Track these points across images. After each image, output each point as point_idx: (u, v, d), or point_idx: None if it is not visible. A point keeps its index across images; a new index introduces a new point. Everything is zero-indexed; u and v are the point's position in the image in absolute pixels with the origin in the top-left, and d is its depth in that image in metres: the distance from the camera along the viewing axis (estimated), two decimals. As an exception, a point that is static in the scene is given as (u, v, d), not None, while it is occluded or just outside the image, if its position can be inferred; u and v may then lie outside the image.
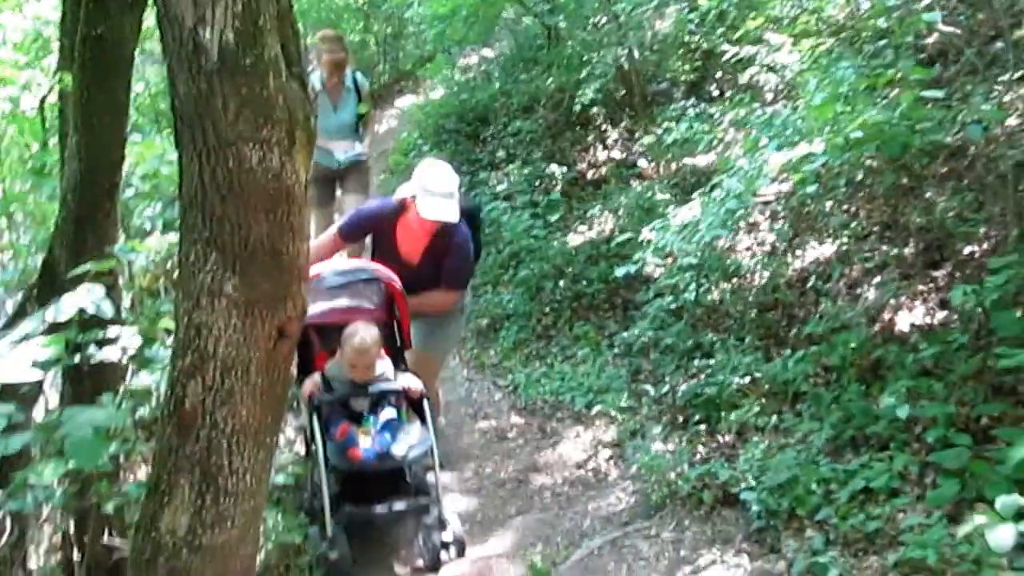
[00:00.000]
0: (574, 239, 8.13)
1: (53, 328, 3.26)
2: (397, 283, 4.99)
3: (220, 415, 2.88)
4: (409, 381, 4.85)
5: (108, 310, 3.25)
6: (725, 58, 6.70)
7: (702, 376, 5.53)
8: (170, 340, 3.43)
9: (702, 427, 5.14)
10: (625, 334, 6.68)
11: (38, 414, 4.47)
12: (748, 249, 6.75)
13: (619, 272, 5.88)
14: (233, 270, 2.72)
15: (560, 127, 9.80)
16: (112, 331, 3.67)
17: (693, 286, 5.97)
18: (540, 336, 7.18)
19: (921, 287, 5.45)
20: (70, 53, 4.27)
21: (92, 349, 3.55)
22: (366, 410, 4.70)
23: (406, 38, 13.58)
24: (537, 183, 8.93)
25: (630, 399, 5.86)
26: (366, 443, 4.54)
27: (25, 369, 2.82)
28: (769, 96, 7.32)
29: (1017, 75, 4.99)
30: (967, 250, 5.24)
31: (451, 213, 4.87)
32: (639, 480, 4.96)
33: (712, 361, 5.60)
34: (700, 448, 4.96)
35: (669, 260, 6.34)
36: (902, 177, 5.81)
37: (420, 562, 4.70)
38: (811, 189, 4.69)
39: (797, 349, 5.23)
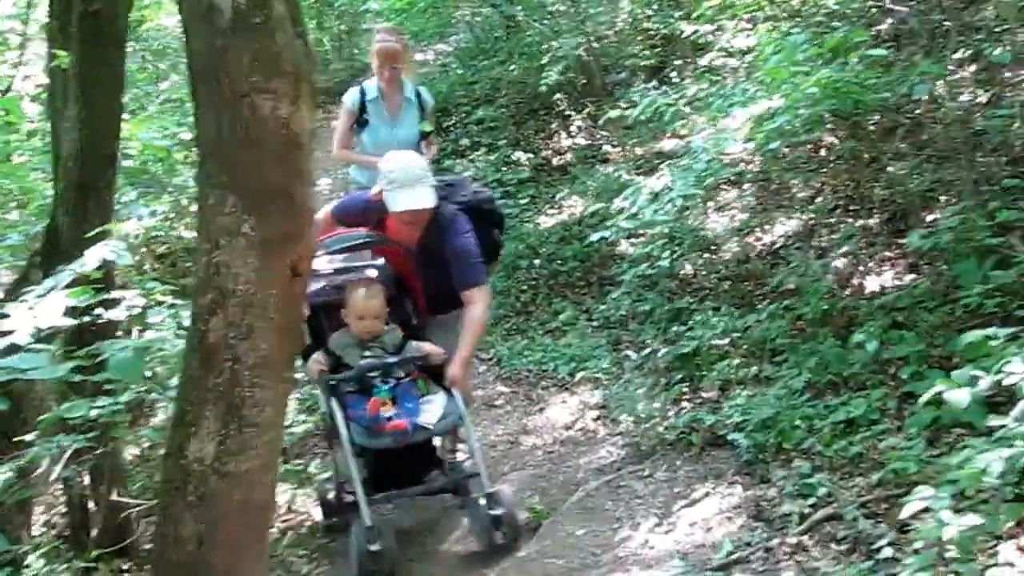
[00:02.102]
0: (545, 221, 8.36)
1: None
2: (397, 247, 4.63)
3: (241, 349, 3.05)
4: (428, 347, 4.54)
5: (128, 260, 3.41)
6: (686, 35, 6.91)
7: (682, 340, 5.72)
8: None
9: (685, 385, 5.33)
10: (602, 307, 6.89)
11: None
12: (718, 223, 6.97)
13: (593, 237, 6.10)
14: (249, 212, 2.90)
15: (523, 115, 10.02)
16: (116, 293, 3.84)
17: (667, 254, 6.17)
18: (519, 312, 7.39)
19: (888, 254, 5.69)
20: (61, 32, 4.42)
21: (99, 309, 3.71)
22: (378, 379, 4.35)
23: (359, 35, 13.55)
24: (504, 168, 9.13)
25: (613, 365, 6.06)
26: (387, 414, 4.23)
27: (58, 316, 2.97)
28: (729, 79, 7.56)
29: (968, 54, 5.25)
30: (929, 218, 5.46)
31: (423, 199, 4.48)
32: (627, 435, 5.13)
33: (692, 324, 5.80)
34: (684, 404, 5.16)
35: (642, 234, 6.56)
36: (863, 152, 6.07)
37: (475, 545, 4.43)
38: (774, 145, 4.88)
39: (773, 305, 5.44)
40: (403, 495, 4.43)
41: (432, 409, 4.33)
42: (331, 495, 4.74)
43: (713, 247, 6.71)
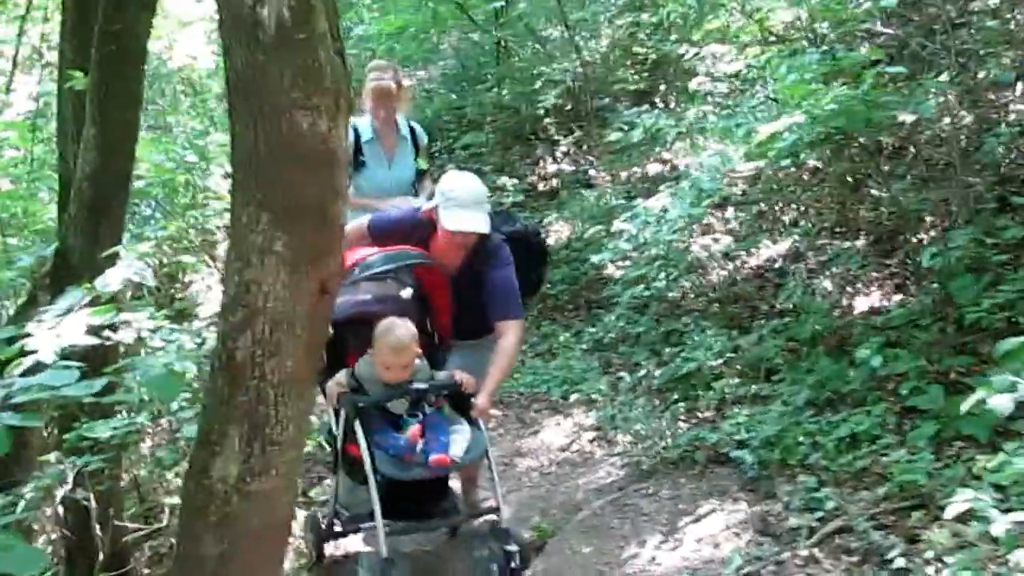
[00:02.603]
0: (533, 245, 8.41)
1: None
2: (439, 269, 4.44)
3: (268, 367, 3.08)
4: (459, 375, 4.31)
5: (151, 280, 3.43)
6: (680, 57, 7.03)
7: (676, 361, 5.81)
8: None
9: (681, 405, 5.40)
10: (593, 329, 6.97)
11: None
12: (705, 247, 7.08)
13: (594, 259, 6.18)
14: (282, 229, 2.93)
15: (509, 141, 10.12)
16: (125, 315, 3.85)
17: (663, 276, 6.26)
18: (509, 335, 7.41)
19: (875, 274, 5.82)
20: (74, 54, 4.45)
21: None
22: (405, 411, 4.21)
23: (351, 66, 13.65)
24: (490, 195, 9.17)
25: (606, 387, 6.12)
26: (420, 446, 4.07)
27: (81, 335, 2.98)
28: (720, 102, 7.70)
29: (953, 76, 5.39)
30: (915, 239, 5.59)
31: (479, 223, 4.30)
32: (626, 455, 5.19)
33: (683, 347, 5.89)
34: (681, 423, 5.22)
35: (635, 254, 6.65)
36: (847, 175, 6.21)
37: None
38: (785, 162, 4.99)
39: (766, 328, 5.54)
40: (420, 528, 4.33)
41: (459, 440, 4.17)
42: (324, 523, 4.57)
43: (701, 270, 6.81)
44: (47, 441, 4.49)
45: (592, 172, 9.06)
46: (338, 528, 4.45)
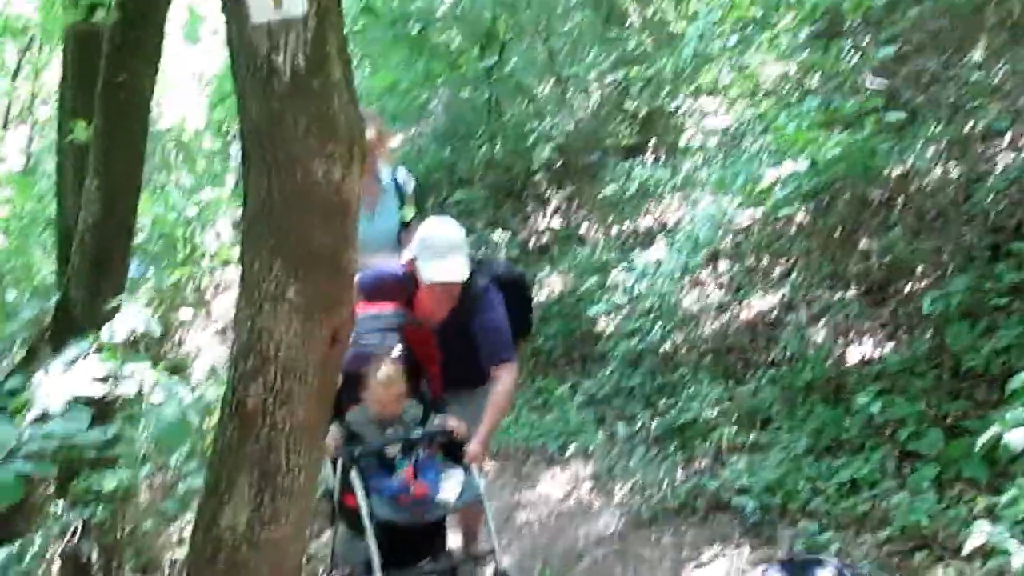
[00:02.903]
0: (525, 301, 8.45)
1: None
2: (427, 329, 4.41)
3: (279, 415, 3.08)
4: (452, 422, 4.32)
5: (156, 331, 3.44)
6: (675, 110, 7.13)
7: (671, 412, 5.83)
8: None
9: (679, 455, 5.42)
10: (588, 383, 6.99)
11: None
12: (697, 301, 7.13)
13: (591, 311, 6.21)
14: (296, 276, 2.95)
15: (501, 197, 10.19)
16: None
17: (656, 328, 6.30)
18: (504, 389, 7.42)
19: (867, 324, 5.87)
20: (75, 106, 4.49)
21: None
22: (398, 455, 4.23)
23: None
24: (482, 250, 9.24)
25: (603, 439, 6.13)
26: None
27: (89, 384, 2.98)
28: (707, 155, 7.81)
29: (938, 129, 5.50)
30: (906, 288, 5.66)
31: (456, 272, 4.26)
32: (625, 505, 5.21)
33: (679, 398, 5.92)
34: (680, 473, 5.23)
35: (628, 307, 6.70)
36: (836, 229, 6.30)
37: None
38: (786, 211, 5.06)
39: (761, 378, 5.58)
40: (418, 572, 4.27)
41: (451, 485, 4.19)
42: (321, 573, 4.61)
43: (693, 323, 6.85)
44: (44, 493, 4.45)
45: (583, 227, 9.13)
46: None
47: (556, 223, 9.60)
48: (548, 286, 8.61)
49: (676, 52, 6.11)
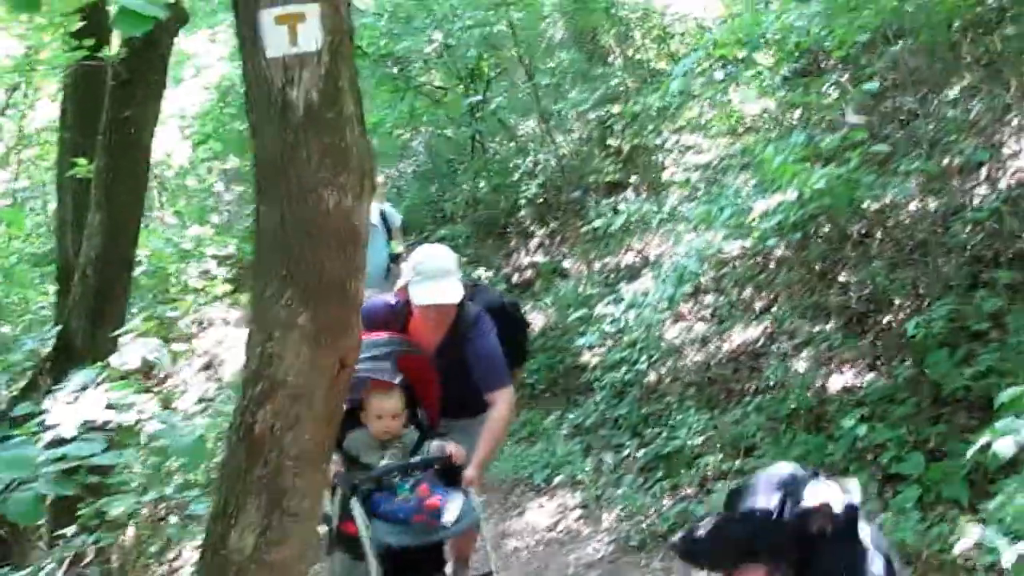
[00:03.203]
0: (509, 336, 8.56)
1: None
2: (423, 356, 4.43)
3: (287, 440, 3.16)
4: (450, 447, 4.31)
5: (166, 361, 3.51)
6: (662, 146, 7.30)
7: (657, 441, 5.93)
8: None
9: (665, 483, 5.51)
10: (572, 415, 7.09)
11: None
12: (681, 334, 7.26)
13: (580, 341, 6.32)
14: (305, 304, 3.04)
15: (483, 234, 10.34)
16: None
17: (644, 359, 6.41)
18: (489, 422, 7.51)
19: (848, 355, 6.01)
20: (73, 144, 4.58)
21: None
22: (398, 479, 4.24)
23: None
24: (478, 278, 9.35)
25: (590, 468, 6.22)
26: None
27: (101, 410, 3.05)
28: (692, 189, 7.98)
29: (914, 166, 5.67)
30: (885, 319, 5.81)
31: (449, 294, 4.30)
32: (613, 532, 5.29)
33: (664, 428, 6.02)
34: (667, 500, 5.32)
35: (610, 341, 6.83)
36: (815, 263, 6.46)
37: None
38: (771, 241, 5.21)
39: (745, 407, 5.69)
40: None
41: (451, 509, 4.17)
42: None
43: (677, 355, 6.97)
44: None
45: (567, 263, 9.26)
46: None
47: (539, 258, 9.74)
48: (532, 321, 8.72)
49: (663, 88, 6.27)
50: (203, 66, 11.18)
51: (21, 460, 2.45)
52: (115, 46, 4.28)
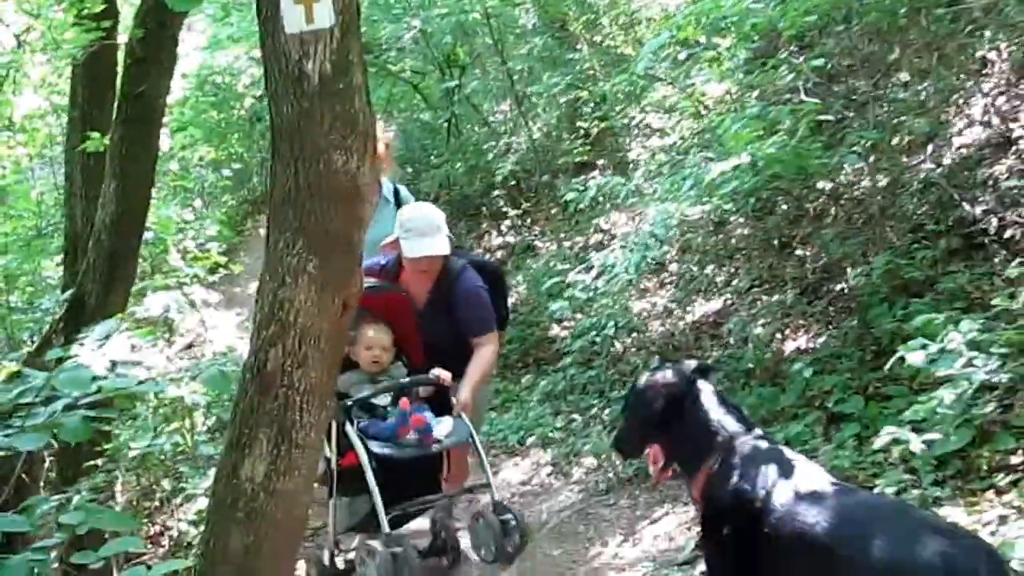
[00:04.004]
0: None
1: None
2: (404, 295, 4.70)
3: (296, 376, 3.54)
4: (436, 371, 4.60)
5: (187, 311, 3.87)
6: (629, 125, 7.68)
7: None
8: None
9: (631, 436, 5.91)
10: (544, 382, 7.48)
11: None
12: (644, 311, 7.66)
13: (553, 307, 6.72)
14: (315, 253, 3.43)
15: (458, 215, 10.69)
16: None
17: (610, 326, 6.80)
18: (461, 394, 7.90)
19: (802, 322, 6.44)
20: (84, 120, 4.92)
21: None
22: (389, 404, 4.52)
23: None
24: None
25: (560, 429, 6.62)
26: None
27: (126, 352, 3.40)
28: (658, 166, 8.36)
29: (868, 145, 6.08)
30: (837, 288, 6.24)
31: (438, 247, 4.58)
32: (583, 483, 5.68)
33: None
34: (633, 454, 5.73)
35: (582, 306, 7.21)
36: (773, 239, 6.89)
37: (481, 552, 4.57)
38: (728, 207, 5.63)
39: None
40: (413, 505, 4.51)
41: (443, 427, 4.47)
42: (325, 558, 4.75)
43: (642, 329, 7.37)
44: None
45: (538, 243, 9.64)
46: (340, 565, 4.66)
47: (511, 239, 10.13)
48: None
49: (628, 71, 6.66)
50: (180, 54, 11.42)
51: (79, 379, 2.80)
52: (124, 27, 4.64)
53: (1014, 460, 3.85)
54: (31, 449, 2.75)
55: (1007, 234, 5.10)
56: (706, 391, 3.13)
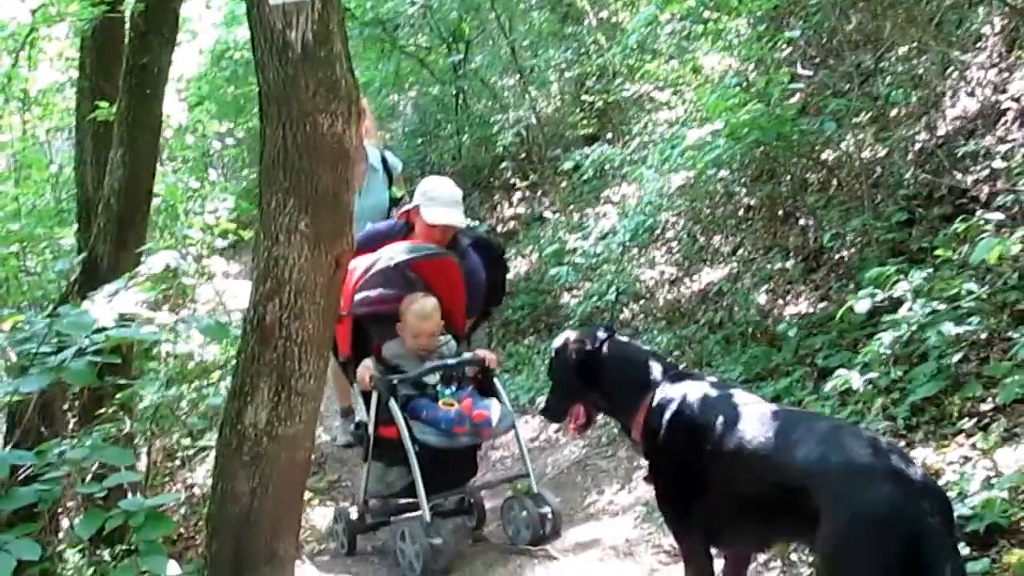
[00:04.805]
0: (494, 279, 9.17)
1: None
2: (451, 258, 4.83)
3: (293, 328, 3.74)
4: (482, 352, 4.80)
5: (187, 267, 4.07)
6: (632, 94, 7.80)
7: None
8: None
9: (633, 395, 6.08)
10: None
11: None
12: (651, 279, 7.82)
13: (552, 271, 6.89)
14: (306, 211, 3.62)
15: (469, 188, 10.86)
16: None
17: (612, 291, 6.96)
18: (477, 356, 8.11)
19: (802, 288, 6.57)
20: (92, 90, 5.13)
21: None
22: (439, 384, 4.62)
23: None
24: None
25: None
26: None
27: (134, 305, 3.60)
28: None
29: (868, 116, 6.19)
30: (837, 256, 6.36)
31: (458, 218, 4.85)
32: (587, 439, 5.85)
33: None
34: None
35: (588, 284, 7.38)
36: (778, 210, 7.00)
37: (509, 532, 4.71)
38: (711, 172, 5.77)
39: (706, 332, 6.27)
40: (452, 494, 4.74)
41: (494, 412, 4.61)
42: (354, 515, 4.90)
43: (647, 296, 7.52)
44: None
45: (547, 214, 9.79)
46: (369, 520, 4.83)
47: (521, 210, 10.30)
48: (515, 267, 9.30)
49: (622, 40, 6.79)
50: (197, 31, 11.63)
51: (82, 323, 3.00)
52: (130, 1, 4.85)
53: (984, 407, 3.99)
54: (34, 390, 2.94)
55: (997, 202, 5.21)
56: (620, 343, 3.47)
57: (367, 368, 4.62)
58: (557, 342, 3.65)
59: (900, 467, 2.57)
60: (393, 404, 4.47)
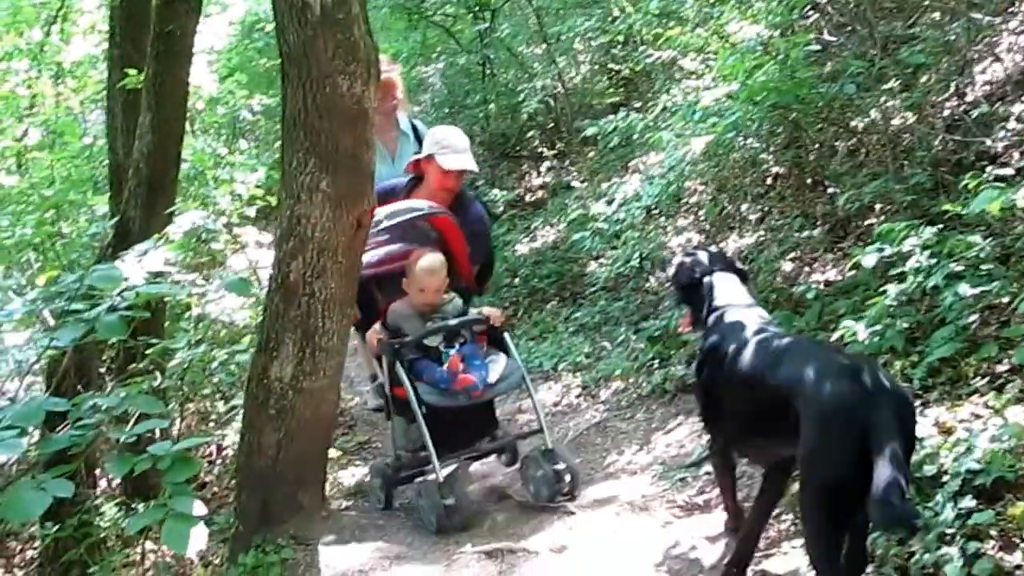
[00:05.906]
0: (521, 248, 9.23)
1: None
2: (449, 217, 4.85)
3: (316, 286, 3.85)
4: (487, 310, 4.78)
5: (216, 228, 4.18)
6: (656, 59, 7.80)
7: (651, 328, 6.55)
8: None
9: (656, 361, 6.14)
10: (578, 315, 7.71)
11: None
12: (678, 245, 7.84)
13: (576, 236, 6.94)
14: (326, 171, 3.72)
15: (497, 157, 10.91)
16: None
17: (636, 256, 6.99)
18: (504, 324, 8.20)
19: (830, 255, 6.57)
20: (122, 58, 5.24)
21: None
22: (442, 344, 4.60)
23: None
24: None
25: (591, 356, 6.86)
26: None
27: (161, 264, 3.70)
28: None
29: (898, 84, 6.17)
30: (866, 223, 6.35)
31: (471, 163, 4.98)
32: (608, 403, 5.94)
33: (657, 318, 6.64)
34: (656, 372, 5.97)
35: (610, 238, 7.40)
36: (806, 178, 6.99)
37: (531, 489, 4.70)
38: (730, 136, 5.78)
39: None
40: (469, 453, 4.76)
41: (497, 368, 4.61)
42: (388, 469, 4.90)
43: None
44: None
45: (575, 183, 9.83)
46: (404, 473, 4.83)
47: (549, 179, 10.33)
48: (543, 235, 9.36)
49: (643, 7, 6.79)
50: (228, 3, 11.72)
51: (110, 277, 3.11)
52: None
53: (1000, 368, 4.01)
54: (69, 342, 3.04)
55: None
56: (720, 274, 4.00)
57: (375, 332, 4.62)
58: (677, 262, 4.34)
59: (859, 370, 2.96)
60: (400, 369, 4.47)
